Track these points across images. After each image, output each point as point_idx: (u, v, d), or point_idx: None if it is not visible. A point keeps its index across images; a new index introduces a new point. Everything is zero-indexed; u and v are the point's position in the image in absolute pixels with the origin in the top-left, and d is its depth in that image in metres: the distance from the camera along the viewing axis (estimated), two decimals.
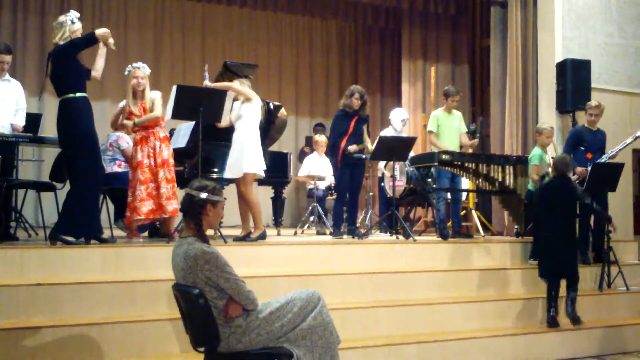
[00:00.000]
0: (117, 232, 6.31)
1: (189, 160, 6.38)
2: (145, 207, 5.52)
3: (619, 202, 7.36)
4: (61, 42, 5.02)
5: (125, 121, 5.78)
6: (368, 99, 6.98)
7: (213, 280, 3.46)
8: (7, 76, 5.90)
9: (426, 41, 10.40)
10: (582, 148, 6.90)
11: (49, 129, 8.19)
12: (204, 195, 3.60)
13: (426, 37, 10.40)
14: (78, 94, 4.99)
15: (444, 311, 5.48)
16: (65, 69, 4.98)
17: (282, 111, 7.44)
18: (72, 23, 5.05)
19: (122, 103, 5.93)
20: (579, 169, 6.70)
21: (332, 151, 6.95)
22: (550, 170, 6.51)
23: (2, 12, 9.28)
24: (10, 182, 5.54)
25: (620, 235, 7.28)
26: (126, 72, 5.83)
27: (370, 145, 6.96)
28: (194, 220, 3.62)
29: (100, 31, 5.06)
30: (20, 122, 5.86)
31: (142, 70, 5.78)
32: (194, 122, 6.25)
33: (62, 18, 5.09)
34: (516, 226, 7.49)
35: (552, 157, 6.67)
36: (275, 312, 3.59)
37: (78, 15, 5.17)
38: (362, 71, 11.85)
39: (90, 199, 5.00)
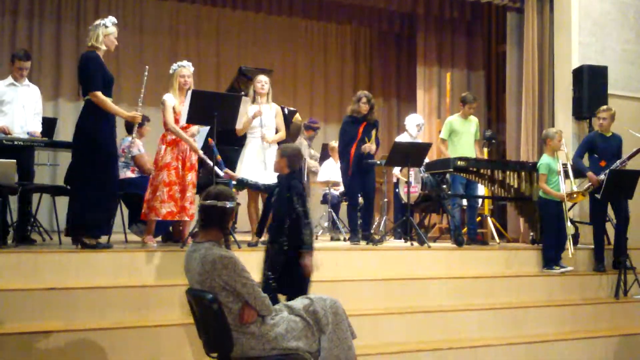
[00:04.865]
0: (132, 237, 6.33)
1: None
2: (165, 208, 5.51)
3: (635, 210, 7.26)
4: (95, 44, 5.14)
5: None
6: (382, 103, 6.96)
7: (230, 285, 3.46)
8: (27, 81, 5.96)
9: (441, 47, 10.35)
10: (596, 155, 6.84)
11: (64, 133, 8.27)
12: (231, 204, 3.65)
13: (441, 43, 10.35)
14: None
15: (458, 318, 5.45)
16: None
17: (297, 116, 7.43)
18: (105, 27, 5.16)
19: (170, 100, 5.72)
20: (591, 175, 6.65)
21: (341, 157, 6.94)
22: (562, 176, 6.47)
23: (18, 17, 9.36)
24: (26, 187, 5.57)
25: (636, 242, 7.19)
26: (171, 71, 5.81)
27: (374, 147, 6.88)
28: (220, 228, 3.64)
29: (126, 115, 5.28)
30: (37, 127, 5.91)
31: (187, 68, 5.80)
32: (208, 127, 6.25)
33: (97, 22, 5.22)
34: (532, 233, 7.42)
35: (564, 164, 6.62)
36: (291, 332, 3.59)
37: (114, 20, 5.25)
38: (377, 76, 11.82)
39: (102, 201, 5.02)
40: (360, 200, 7.14)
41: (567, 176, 6.58)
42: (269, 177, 5.92)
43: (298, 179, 4.50)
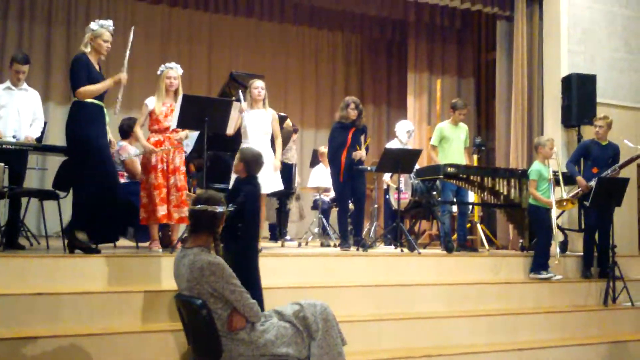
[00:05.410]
0: (121, 242, 6.28)
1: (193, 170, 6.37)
2: (161, 212, 5.47)
3: (625, 217, 7.32)
4: (83, 48, 5.11)
5: (144, 143, 5.62)
6: (372, 109, 6.97)
7: (219, 291, 3.45)
8: (25, 85, 5.87)
9: (432, 54, 10.41)
10: (589, 162, 6.88)
11: (53, 137, 8.21)
12: (221, 208, 3.63)
13: (432, 50, 10.41)
14: (87, 100, 5.01)
15: (448, 325, 5.44)
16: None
17: (288, 122, 7.42)
18: (92, 30, 5.11)
19: (150, 103, 5.71)
20: (580, 179, 6.70)
21: (331, 163, 6.94)
22: (552, 183, 6.51)
23: (9, 20, 9.30)
24: (14, 191, 5.52)
25: (625, 250, 7.24)
26: (158, 72, 5.80)
27: (364, 153, 6.88)
28: (210, 233, 3.62)
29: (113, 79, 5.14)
30: (35, 132, 5.84)
31: (175, 70, 5.77)
32: (198, 132, 6.24)
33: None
34: (521, 240, 7.45)
35: (554, 171, 6.66)
36: (281, 338, 3.58)
37: (105, 23, 5.18)
38: (368, 83, 11.85)
39: (96, 204, 4.96)
40: (351, 206, 7.15)
41: (557, 183, 6.61)
42: (269, 186, 5.91)
43: (254, 184, 4.49)
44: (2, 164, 5.17)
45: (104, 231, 5.09)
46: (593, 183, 6.56)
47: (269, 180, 5.90)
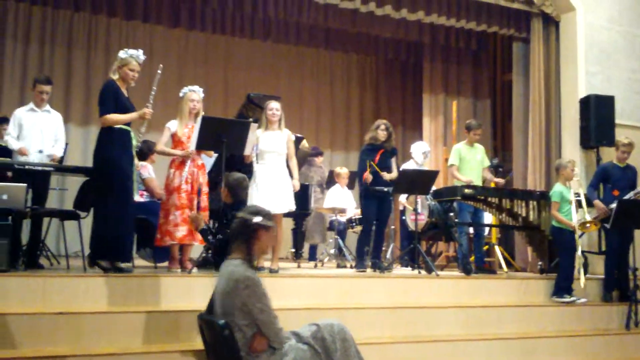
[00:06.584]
0: (140, 262, 6.31)
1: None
2: (180, 232, 5.49)
3: None
4: (111, 75, 5.23)
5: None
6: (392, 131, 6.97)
7: (248, 307, 3.45)
8: (48, 107, 5.94)
9: (447, 75, 10.43)
10: (610, 185, 6.83)
11: (73, 158, 8.30)
12: (257, 219, 3.63)
13: (447, 72, 10.43)
14: (115, 126, 5.10)
15: (466, 348, 5.40)
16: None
17: (304, 143, 7.45)
18: (120, 59, 5.24)
19: (172, 126, 5.80)
20: (598, 203, 6.64)
21: (360, 183, 6.96)
22: (574, 205, 6.46)
23: (30, 43, 9.46)
24: (35, 211, 5.57)
25: None
26: (181, 94, 5.87)
27: (389, 175, 6.82)
28: (246, 244, 3.65)
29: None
30: (58, 152, 5.91)
31: (197, 93, 5.85)
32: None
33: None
34: (540, 262, 7.39)
35: (576, 193, 6.61)
36: None
37: (135, 53, 5.29)
38: (383, 104, 11.89)
39: (118, 224, 5.00)
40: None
41: (580, 205, 6.55)
42: (284, 206, 5.92)
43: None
44: (25, 185, 5.22)
45: (127, 252, 5.13)
46: (614, 206, 6.51)
47: (282, 201, 5.90)
